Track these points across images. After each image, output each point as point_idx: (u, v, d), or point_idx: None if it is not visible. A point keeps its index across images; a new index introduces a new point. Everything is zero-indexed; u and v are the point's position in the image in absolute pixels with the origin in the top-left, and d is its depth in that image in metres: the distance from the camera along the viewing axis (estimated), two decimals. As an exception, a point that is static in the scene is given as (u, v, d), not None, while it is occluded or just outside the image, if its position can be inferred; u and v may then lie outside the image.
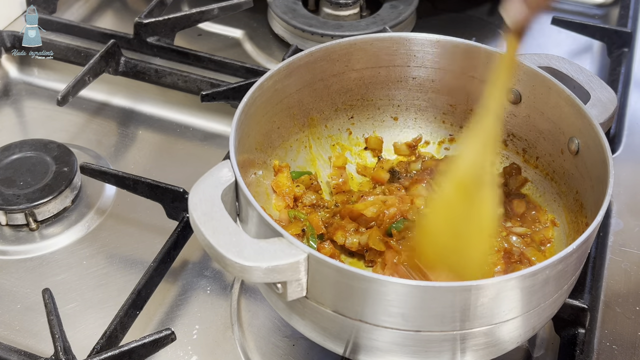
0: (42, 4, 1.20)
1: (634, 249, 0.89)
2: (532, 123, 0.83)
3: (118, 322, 0.78)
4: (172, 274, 0.87)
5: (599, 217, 0.65)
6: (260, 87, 0.77)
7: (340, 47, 0.84)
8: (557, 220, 0.81)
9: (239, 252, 0.61)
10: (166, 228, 0.89)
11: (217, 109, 1.07)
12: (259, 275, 0.61)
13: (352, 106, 0.89)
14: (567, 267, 0.66)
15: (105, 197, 0.96)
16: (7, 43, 1.14)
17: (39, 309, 0.78)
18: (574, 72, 0.82)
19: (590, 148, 0.74)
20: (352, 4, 1.18)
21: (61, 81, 1.09)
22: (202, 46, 1.18)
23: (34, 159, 0.96)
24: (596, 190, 0.71)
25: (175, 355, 0.79)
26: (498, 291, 0.62)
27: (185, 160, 1.02)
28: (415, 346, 0.65)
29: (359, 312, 0.63)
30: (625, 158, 1.01)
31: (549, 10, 0.98)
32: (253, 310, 0.84)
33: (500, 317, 0.64)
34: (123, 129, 1.07)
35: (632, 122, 1.06)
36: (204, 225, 0.63)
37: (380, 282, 0.61)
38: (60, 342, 0.74)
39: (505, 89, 0.71)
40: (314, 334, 0.70)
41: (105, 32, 1.14)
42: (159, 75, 1.07)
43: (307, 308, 0.66)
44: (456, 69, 0.85)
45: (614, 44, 1.15)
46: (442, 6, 1.28)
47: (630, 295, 0.84)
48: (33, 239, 0.91)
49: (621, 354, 0.79)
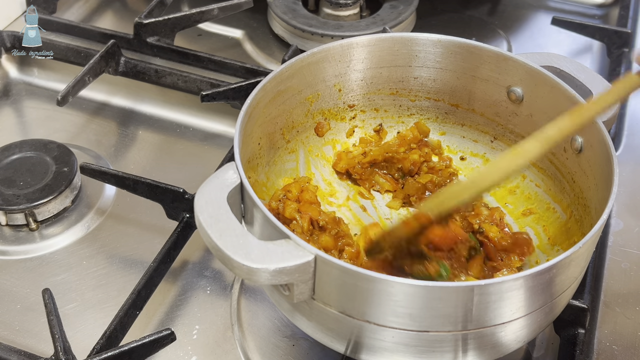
0: (42, 4, 1.20)
1: (634, 249, 0.89)
2: (534, 122, 0.83)
3: (118, 322, 0.78)
4: (172, 274, 0.86)
5: (604, 215, 0.65)
6: (263, 88, 0.77)
7: (342, 48, 0.84)
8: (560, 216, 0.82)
9: (246, 254, 0.61)
10: (166, 228, 0.88)
11: (217, 109, 1.07)
12: (266, 277, 0.61)
13: (354, 106, 0.89)
14: (574, 265, 0.66)
15: (105, 197, 0.96)
16: (7, 43, 1.14)
17: (39, 309, 0.78)
18: (575, 71, 0.82)
19: (594, 146, 0.74)
20: (352, 4, 1.18)
21: (61, 81, 1.09)
22: (202, 46, 1.18)
23: (33, 159, 0.96)
24: (600, 189, 0.71)
25: (175, 355, 0.79)
26: (505, 290, 0.62)
27: (185, 160, 1.02)
28: (421, 346, 0.65)
29: (366, 312, 0.63)
30: (625, 158, 1.01)
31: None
32: (253, 310, 0.84)
33: (507, 316, 0.64)
34: (123, 129, 1.07)
35: (632, 122, 1.07)
36: (210, 227, 0.63)
37: (387, 282, 0.60)
38: (60, 342, 0.74)
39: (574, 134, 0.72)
40: (319, 334, 0.70)
41: (105, 32, 1.14)
42: (159, 76, 1.07)
43: (313, 309, 0.66)
44: (458, 68, 0.86)
45: (614, 44, 1.15)
46: (442, 6, 1.28)
47: (630, 295, 0.84)
48: (33, 239, 0.91)
49: (621, 354, 0.79)
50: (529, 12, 1.29)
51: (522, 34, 1.25)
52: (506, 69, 0.83)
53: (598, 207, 0.70)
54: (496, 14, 1.28)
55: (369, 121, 0.91)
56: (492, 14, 1.28)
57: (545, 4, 1.31)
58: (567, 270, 0.65)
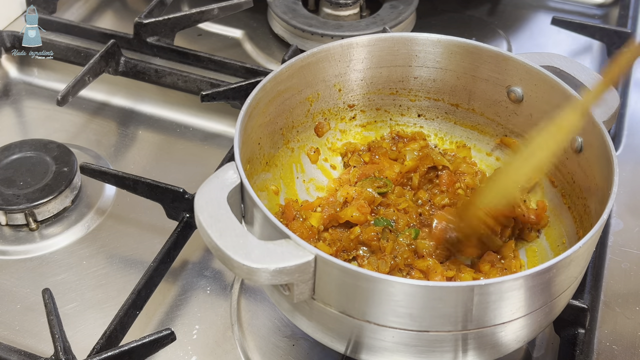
0: (42, 4, 1.20)
1: (634, 249, 0.89)
2: (534, 122, 0.83)
3: (118, 322, 0.78)
4: (172, 274, 0.86)
5: (604, 215, 0.65)
6: (263, 88, 0.77)
7: (342, 48, 0.84)
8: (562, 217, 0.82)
9: (247, 254, 0.61)
10: (166, 228, 0.88)
11: (217, 109, 1.07)
12: (266, 277, 0.61)
13: (354, 106, 0.89)
14: (574, 265, 0.66)
15: (105, 197, 0.96)
16: (7, 43, 1.14)
17: (39, 309, 0.78)
18: (575, 71, 0.82)
19: (594, 146, 0.74)
20: (352, 4, 1.18)
21: (61, 81, 1.09)
22: (202, 46, 1.18)
23: (33, 159, 0.96)
24: (600, 188, 0.71)
25: (175, 355, 0.79)
26: (505, 290, 0.62)
27: (185, 160, 1.02)
28: (421, 346, 0.65)
29: (366, 312, 0.63)
30: (625, 158, 1.01)
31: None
32: (253, 310, 0.83)
33: (507, 316, 0.64)
34: (123, 129, 1.07)
35: (632, 122, 1.07)
36: (210, 227, 0.63)
37: (387, 282, 0.61)
38: (60, 342, 0.74)
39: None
40: (319, 334, 0.70)
41: (105, 32, 1.14)
42: (159, 75, 1.07)
43: (313, 309, 0.66)
44: (458, 68, 0.86)
45: (614, 44, 1.15)
46: (442, 6, 1.28)
47: (630, 295, 0.84)
48: (33, 239, 0.91)
49: (621, 354, 0.79)
50: (529, 12, 1.29)
51: (522, 34, 1.25)
52: (506, 69, 0.83)
53: (598, 207, 0.70)
54: (496, 14, 1.28)
55: (369, 121, 0.91)
56: (492, 14, 1.28)
57: (545, 4, 1.31)
58: (567, 270, 0.65)
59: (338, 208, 0.81)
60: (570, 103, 0.74)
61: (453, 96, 0.88)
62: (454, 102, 0.89)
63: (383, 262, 0.76)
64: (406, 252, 0.76)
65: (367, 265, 0.77)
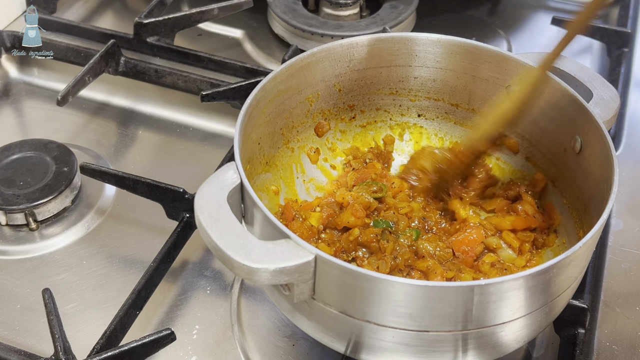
0: (42, 4, 1.20)
1: (634, 249, 0.89)
2: (534, 122, 0.83)
3: (118, 322, 0.78)
4: (172, 274, 0.87)
5: (604, 215, 0.65)
6: (263, 88, 0.77)
7: (342, 48, 0.84)
8: (563, 219, 0.82)
9: (247, 254, 0.61)
10: (166, 228, 0.89)
11: (217, 109, 1.07)
12: (266, 277, 0.61)
13: (354, 106, 0.89)
14: (574, 265, 0.66)
15: (105, 197, 0.96)
16: (7, 43, 1.14)
17: (39, 309, 0.78)
18: (576, 71, 0.82)
19: (594, 146, 0.74)
20: (352, 4, 1.18)
21: (61, 81, 1.09)
22: (202, 46, 1.18)
23: (33, 159, 0.96)
24: (600, 189, 0.71)
25: (175, 355, 0.79)
26: (505, 290, 0.62)
27: (185, 160, 1.02)
28: (421, 346, 0.65)
29: (366, 312, 0.63)
30: (625, 158, 1.01)
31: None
32: (253, 310, 0.83)
33: (507, 316, 0.64)
34: (123, 129, 1.07)
35: (632, 122, 1.07)
36: (210, 227, 0.63)
37: (388, 282, 0.61)
38: (60, 342, 0.74)
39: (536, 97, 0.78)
40: (319, 334, 0.70)
41: (105, 32, 1.14)
42: (159, 75, 1.07)
43: (313, 309, 0.66)
44: (458, 68, 0.86)
45: (614, 44, 1.15)
46: (442, 6, 1.28)
47: (630, 295, 0.84)
48: (33, 239, 0.91)
49: (621, 354, 0.79)
50: (529, 12, 1.29)
51: (522, 34, 1.25)
52: (506, 68, 0.83)
53: (598, 207, 0.70)
54: (496, 14, 1.28)
55: (369, 121, 0.91)
56: (492, 14, 1.28)
57: (545, 4, 1.31)
58: (566, 270, 0.65)
59: (337, 208, 0.81)
60: (537, 60, 0.78)
61: (453, 96, 0.88)
62: (454, 102, 0.89)
63: (383, 262, 0.76)
64: (407, 252, 0.76)
65: (367, 265, 0.77)
